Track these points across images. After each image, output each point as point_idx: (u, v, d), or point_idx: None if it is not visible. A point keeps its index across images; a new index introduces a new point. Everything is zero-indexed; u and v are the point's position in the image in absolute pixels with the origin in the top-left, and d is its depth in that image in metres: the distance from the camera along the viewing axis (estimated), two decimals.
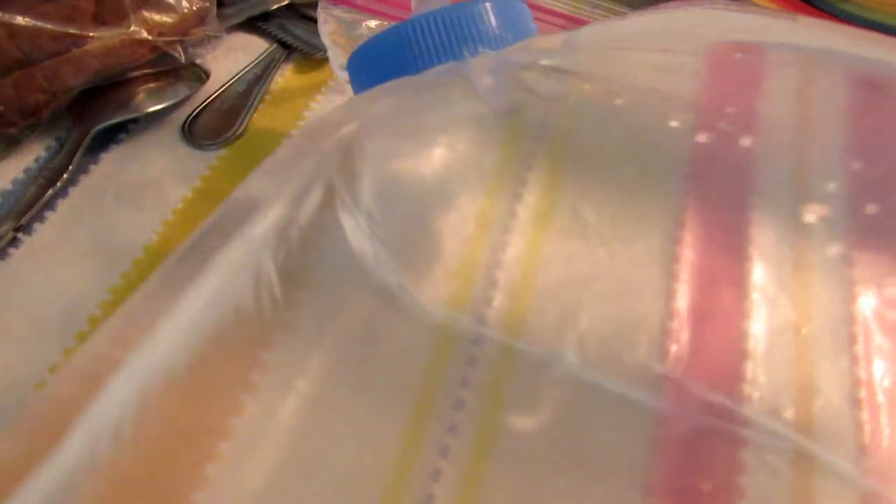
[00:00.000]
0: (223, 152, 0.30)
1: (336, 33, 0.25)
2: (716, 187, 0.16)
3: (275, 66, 0.34)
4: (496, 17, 0.18)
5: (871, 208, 0.15)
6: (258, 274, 0.14)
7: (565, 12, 0.33)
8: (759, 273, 0.14)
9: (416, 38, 0.18)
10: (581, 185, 0.15)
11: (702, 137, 0.16)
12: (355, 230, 0.15)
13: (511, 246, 0.15)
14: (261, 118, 0.32)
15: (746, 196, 0.15)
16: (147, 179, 0.29)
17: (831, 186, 0.15)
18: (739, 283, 0.14)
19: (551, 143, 0.16)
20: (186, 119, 0.31)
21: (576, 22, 0.33)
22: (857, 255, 0.14)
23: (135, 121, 0.30)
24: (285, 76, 0.34)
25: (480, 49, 0.18)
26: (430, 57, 0.18)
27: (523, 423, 0.13)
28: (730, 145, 0.16)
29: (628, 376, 0.13)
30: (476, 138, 0.16)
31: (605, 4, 0.35)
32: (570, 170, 0.16)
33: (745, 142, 0.16)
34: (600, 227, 0.15)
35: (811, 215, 0.15)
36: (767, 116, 0.16)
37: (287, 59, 0.34)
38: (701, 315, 0.14)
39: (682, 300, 0.14)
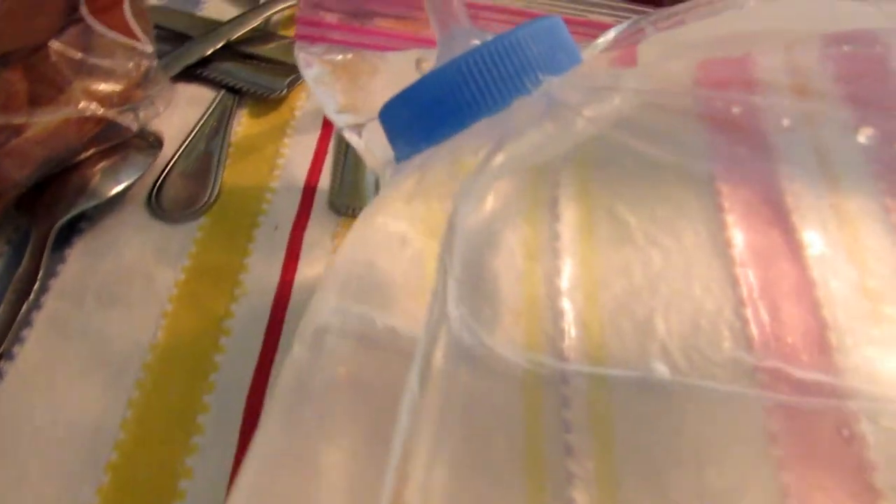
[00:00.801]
0: (202, 221, 0.27)
1: (324, 75, 0.23)
2: (740, 164, 0.16)
3: (230, 114, 0.31)
4: (541, 40, 0.17)
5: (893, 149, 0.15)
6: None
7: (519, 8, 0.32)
8: (810, 239, 0.14)
9: (469, 77, 0.16)
10: (611, 187, 0.15)
11: (715, 115, 0.16)
12: (453, 301, 0.14)
13: (565, 270, 0.14)
14: (232, 175, 0.29)
15: (773, 166, 0.15)
16: (128, 269, 0.25)
17: (847, 137, 0.15)
18: (796, 254, 0.14)
19: (573, 153, 0.16)
20: (151, 192, 0.28)
21: (527, 16, 0.32)
22: (891, 198, 0.14)
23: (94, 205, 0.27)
24: (243, 123, 0.31)
25: (541, 77, 0.16)
26: (487, 96, 0.16)
27: (637, 448, 0.13)
28: (742, 118, 0.16)
29: (723, 374, 0.13)
30: None
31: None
32: (597, 176, 0.16)
33: (754, 109, 0.16)
34: (643, 226, 0.15)
35: (837, 168, 0.15)
36: (764, 83, 0.16)
37: (240, 104, 0.32)
38: (771, 295, 0.14)
39: (749, 284, 0.14)
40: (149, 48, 0.27)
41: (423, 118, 0.17)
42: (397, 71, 0.23)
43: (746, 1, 0.18)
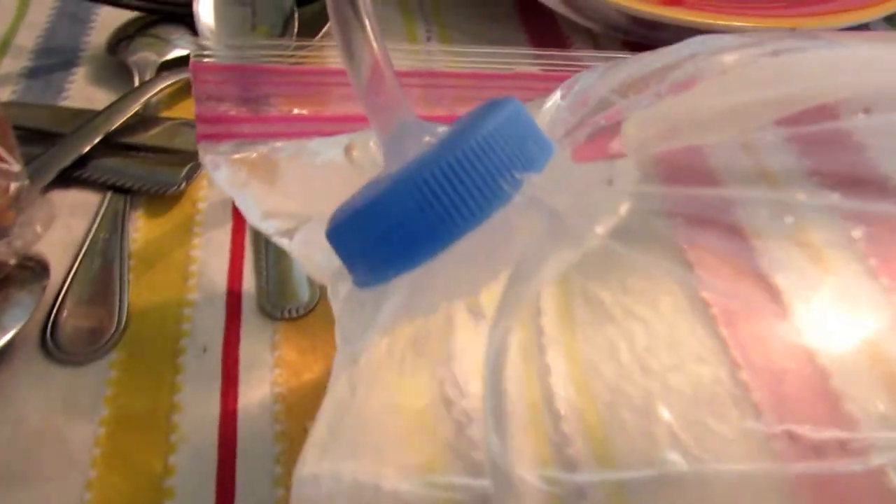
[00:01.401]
0: (114, 357, 0.23)
1: (238, 177, 0.20)
2: (697, 215, 0.15)
3: (123, 219, 0.27)
4: (509, 132, 0.14)
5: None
6: None
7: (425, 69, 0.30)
8: (785, 281, 0.13)
9: (439, 190, 0.13)
10: (581, 268, 0.14)
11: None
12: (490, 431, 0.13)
13: (554, 366, 0.14)
14: (140, 293, 0.25)
15: (730, 211, 0.14)
16: (32, 435, 0.21)
17: (795, 172, 0.15)
18: (775, 300, 0.13)
19: None
20: (44, 331, 0.23)
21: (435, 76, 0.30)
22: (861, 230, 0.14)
23: None
24: (141, 228, 0.27)
25: (518, 176, 0.14)
26: (463, 209, 0.14)
27: None
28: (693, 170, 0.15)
29: (738, 450, 0.12)
30: None
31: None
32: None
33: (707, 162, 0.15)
34: (618, 300, 0.14)
35: (797, 197, 0.14)
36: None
37: (133, 205, 0.28)
38: (762, 352, 0.13)
39: (738, 344, 0.13)
40: (15, 167, 0.23)
41: (386, 241, 0.14)
42: (324, 161, 0.20)
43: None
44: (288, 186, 0.20)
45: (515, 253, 0.13)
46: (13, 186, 0.22)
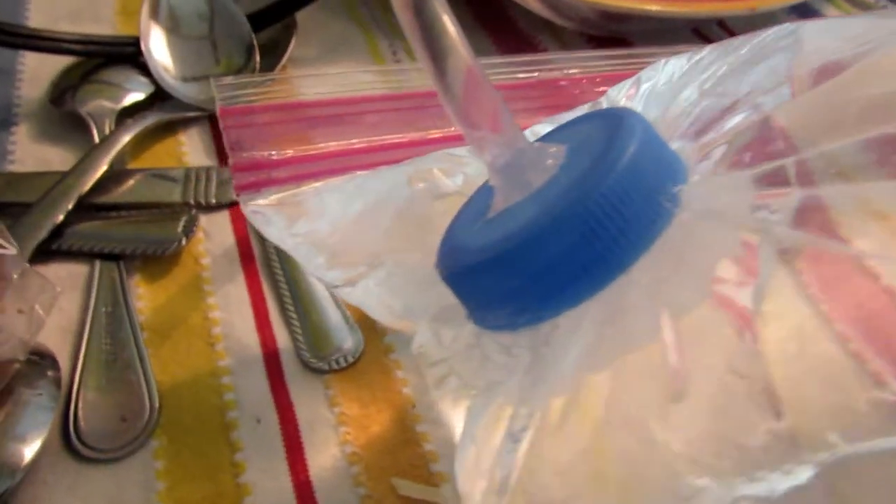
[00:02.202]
0: (154, 445, 0.21)
1: (292, 227, 0.18)
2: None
3: (123, 289, 0.24)
4: (647, 142, 0.13)
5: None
6: None
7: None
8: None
9: (603, 217, 0.12)
10: None
11: None
12: None
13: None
14: (166, 368, 0.22)
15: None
16: None
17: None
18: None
19: None
20: (66, 431, 0.20)
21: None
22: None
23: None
24: (143, 296, 0.24)
25: (673, 189, 0.13)
26: (630, 233, 0.13)
27: None
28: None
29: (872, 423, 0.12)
30: None
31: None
32: None
33: None
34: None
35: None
36: None
37: (128, 272, 0.25)
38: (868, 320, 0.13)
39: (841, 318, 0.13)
40: (12, 249, 0.20)
41: (544, 279, 0.13)
42: (383, 196, 0.19)
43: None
44: (345, 229, 0.18)
45: (709, 266, 0.12)
46: (14, 272, 0.19)
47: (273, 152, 0.18)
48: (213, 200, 0.27)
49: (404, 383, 0.22)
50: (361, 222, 0.18)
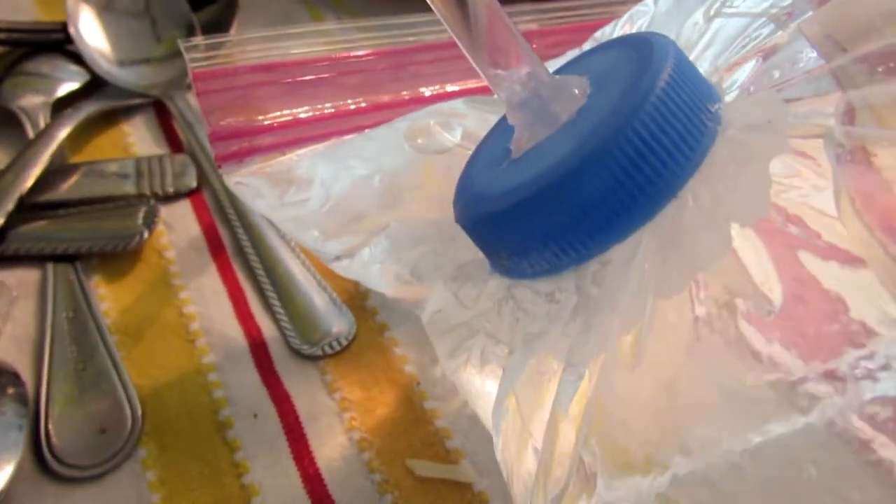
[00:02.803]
0: (142, 454, 0.19)
1: (285, 198, 0.16)
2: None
3: (83, 291, 0.22)
4: (680, 59, 0.13)
5: None
6: None
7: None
8: None
9: (650, 140, 0.11)
10: None
11: None
12: None
13: None
14: (144, 371, 0.20)
15: None
16: None
17: None
18: None
19: None
20: (39, 450, 0.18)
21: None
22: None
23: None
24: (106, 297, 0.22)
25: (712, 108, 0.12)
26: (678, 155, 0.12)
27: None
28: None
29: None
30: None
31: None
32: None
33: None
34: None
35: None
36: None
37: (85, 272, 0.23)
38: None
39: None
40: None
41: (589, 215, 0.12)
42: (379, 157, 0.17)
43: None
44: (339, 196, 0.17)
45: (768, 174, 0.11)
46: None
47: (254, 118, 0.17)
48: (171, 190, 0.25)
49: (404, 360, 0.21)
50: (356, 187, 0.17)
